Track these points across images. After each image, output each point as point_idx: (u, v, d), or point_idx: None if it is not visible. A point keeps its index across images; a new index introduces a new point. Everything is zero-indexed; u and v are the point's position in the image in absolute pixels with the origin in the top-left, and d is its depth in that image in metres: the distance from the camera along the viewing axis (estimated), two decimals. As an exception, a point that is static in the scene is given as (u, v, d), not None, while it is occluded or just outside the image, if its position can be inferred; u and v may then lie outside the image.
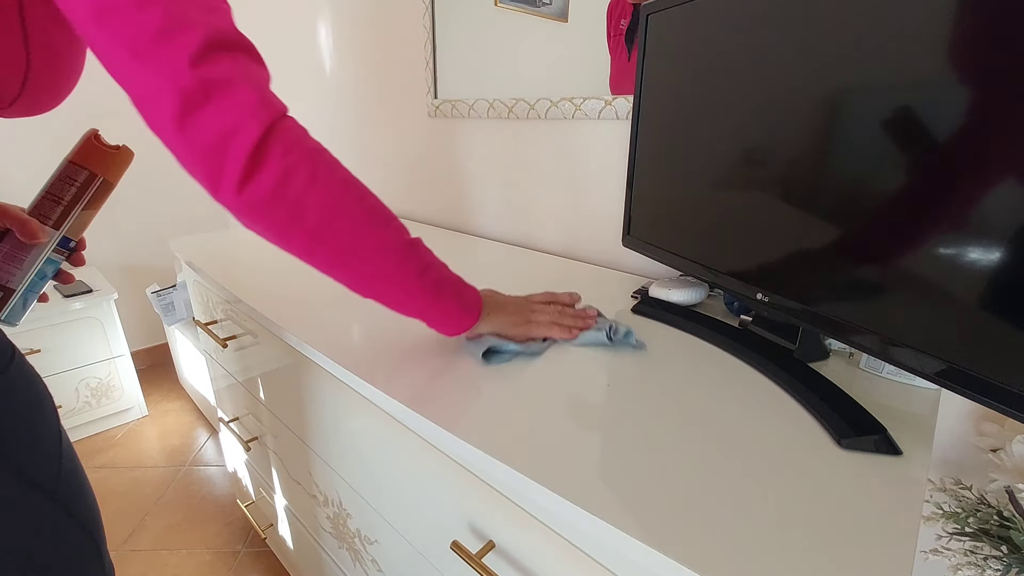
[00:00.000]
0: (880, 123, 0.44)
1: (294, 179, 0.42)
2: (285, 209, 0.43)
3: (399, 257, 0.51)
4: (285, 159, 0.42)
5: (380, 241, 0.50)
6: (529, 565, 0.48)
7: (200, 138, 0.40)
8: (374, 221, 0.49)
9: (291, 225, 0.45)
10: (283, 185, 0.42)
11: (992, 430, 0.52)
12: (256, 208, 0.43)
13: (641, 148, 0.76)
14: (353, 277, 0.51)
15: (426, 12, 1.19)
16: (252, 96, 0.40)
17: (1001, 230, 0.37)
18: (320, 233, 0.46)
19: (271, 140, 0.41)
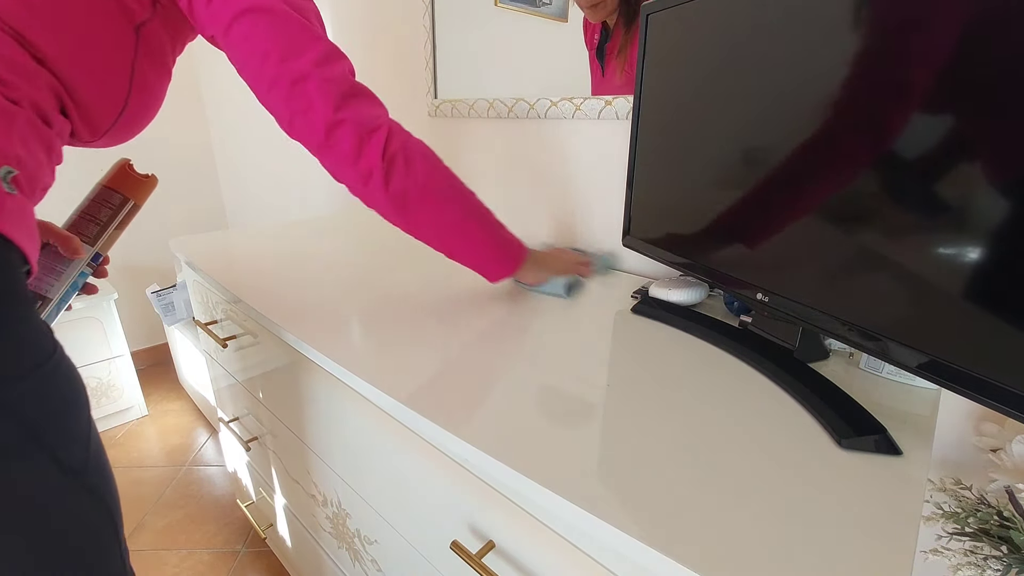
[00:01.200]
0: (881, 121, 0.44)
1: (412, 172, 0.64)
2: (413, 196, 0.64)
3: (478, 222, 0.71)
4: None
5: (465, 211, 0.70)
6: (529, 565, 0.48)
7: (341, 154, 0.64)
8: (461, 194, 0.71)
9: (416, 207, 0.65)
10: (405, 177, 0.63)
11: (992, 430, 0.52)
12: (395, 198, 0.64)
13: (641, 148, 0.76)
14: (443, 239, 0.70)
15: (426, 12, 1.19)
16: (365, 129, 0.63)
17: (1002, 230, 0.37)
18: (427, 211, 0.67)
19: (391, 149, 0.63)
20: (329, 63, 0.59)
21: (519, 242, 0.75)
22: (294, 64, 0.57)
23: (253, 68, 0.59)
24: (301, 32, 0.58)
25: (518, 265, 0.74)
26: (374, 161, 0.60)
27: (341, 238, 1.19)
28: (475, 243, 0.71)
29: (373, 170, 0.61)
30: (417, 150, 0.64)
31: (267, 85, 0.60)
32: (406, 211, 0.64)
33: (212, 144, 2.24)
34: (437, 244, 0.69)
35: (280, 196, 1.97)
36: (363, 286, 0.86)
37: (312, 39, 0.59)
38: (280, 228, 1.27)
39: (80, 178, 0.64)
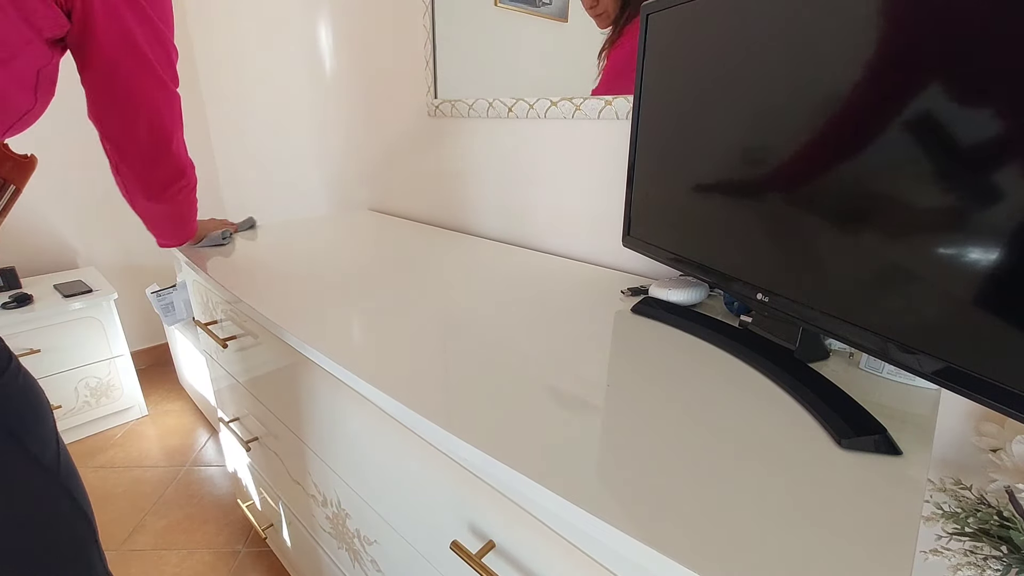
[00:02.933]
0: (881, 120, 0.44)
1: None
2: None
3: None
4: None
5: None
6: (529, 565, 0.48)
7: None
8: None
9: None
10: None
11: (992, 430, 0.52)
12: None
13: (641, 148, 0.76)
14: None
15: (426, 12, 1.19)
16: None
17: (1002, 231, 0.37)
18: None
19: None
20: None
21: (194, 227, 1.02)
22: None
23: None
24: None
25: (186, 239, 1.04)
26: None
27: (341, 238, 1.19)
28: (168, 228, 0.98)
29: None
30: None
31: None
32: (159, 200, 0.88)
33: (212, 144, 2.24)
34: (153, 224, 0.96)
35: (280, 196, 1.97)
36: (363, 286, 0.86)
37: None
38: (280, 228, 1.27)
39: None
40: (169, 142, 0.78)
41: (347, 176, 1.64)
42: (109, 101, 0.72)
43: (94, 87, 0.71)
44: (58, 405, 1.66)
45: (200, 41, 2.05)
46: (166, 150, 0.79)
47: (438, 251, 1.09)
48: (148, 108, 0.73)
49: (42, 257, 1.89)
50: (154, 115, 0.74)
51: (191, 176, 0.87)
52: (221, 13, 1.88)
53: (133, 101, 0.72)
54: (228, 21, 1.87)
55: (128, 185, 0.83)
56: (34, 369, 1.59)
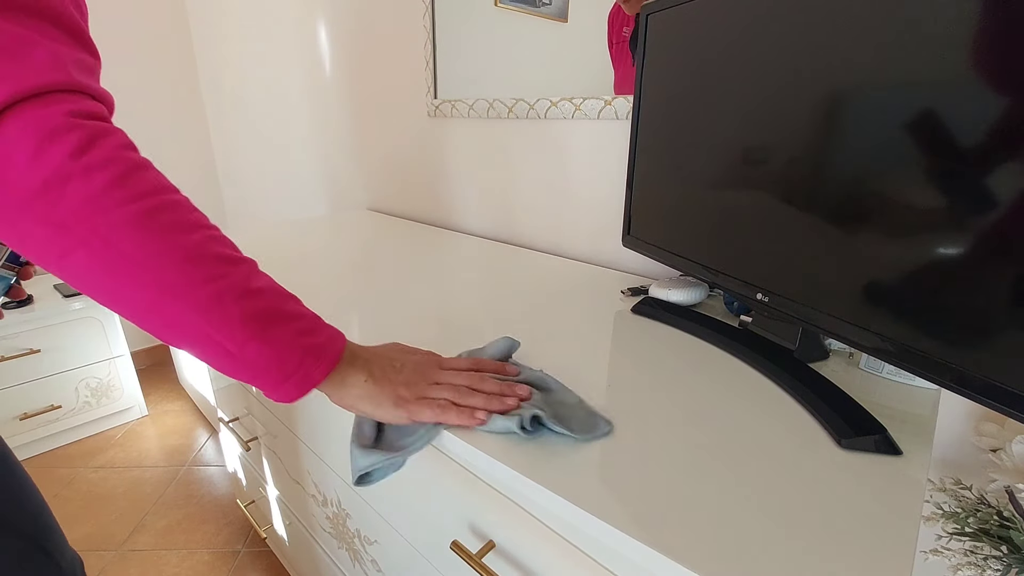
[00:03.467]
0: (880, 122, 0.44)
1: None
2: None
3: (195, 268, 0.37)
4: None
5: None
6: (529, 565, 0.48)
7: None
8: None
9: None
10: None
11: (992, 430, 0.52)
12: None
13: (641, 148, 0.76)
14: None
15: (426, 12, 1.19)
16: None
17: (1002, 231, 0.37)
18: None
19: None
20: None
21: (328, 333, 0.44)
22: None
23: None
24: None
25: (317, 377, 0.42)
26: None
27: (340, 237, 1.19)
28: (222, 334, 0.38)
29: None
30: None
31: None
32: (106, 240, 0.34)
33: (212, 144, 2.24)
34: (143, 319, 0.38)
35: (280, 196, 1.97)
36: (361, 285, 0.86)
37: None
38: (279, 228, 1.27)
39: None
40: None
41: (346, 176, 1.64)
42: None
43: None
44: (58, 405, 1.66)
45: (200, 41, 2.05)
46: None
47: (437, 251, 1.09)
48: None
49: (42, 257, 1.89)
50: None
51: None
52: (221, 13, 1.88)
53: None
54: (228, 21, 1.87)
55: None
56: (34, 369, 1.60)
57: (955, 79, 0.38)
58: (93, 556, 1.29)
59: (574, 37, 0.94)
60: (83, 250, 0.33)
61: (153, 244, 0.35)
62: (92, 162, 0.33)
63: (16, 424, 1.59)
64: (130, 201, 0.34)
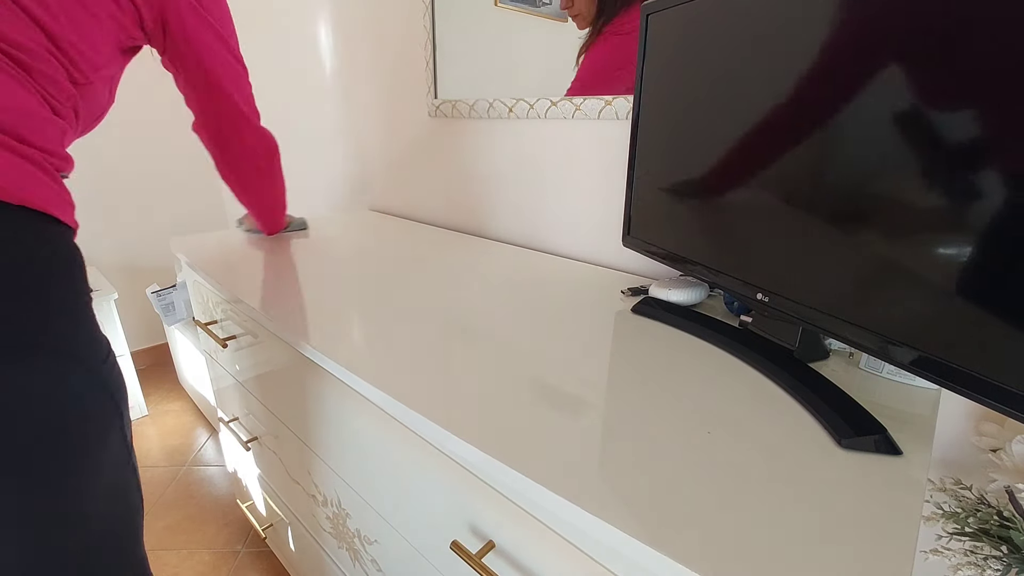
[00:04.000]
0: (880, 122, 0.44)
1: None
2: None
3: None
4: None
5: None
6: (529, 565, 0.48)
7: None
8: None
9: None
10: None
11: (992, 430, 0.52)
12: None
13: (641, 148, 0.76)
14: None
15: (426, 12, 1.19)
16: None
17: (1002, 231, 0.37)
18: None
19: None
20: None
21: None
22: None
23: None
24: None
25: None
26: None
27: (340, 237, 1.19)
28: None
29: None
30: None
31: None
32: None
33: (212, 144, 2.24)
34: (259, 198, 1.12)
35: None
36: (363, 285, 0.86)
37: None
38: (280, 228, 1.27)
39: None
40: (257, 112, 1.00)
41: (347, 176, 1.64)
42: (207, 97, 0.90)
43: (194, 88, 0.89)
44: (58, 405, 1.66)
45: (200, 41, 2.05)
46: (258, 120, 1.01)
47: (438, 251, 1.09)
48: (238, 89, 0.93)
49: (42, 257, 1.89)
50: (242, 94, 0.95)
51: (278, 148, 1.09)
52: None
53: (223, 90, 0.91)
54: (228, 21, 1.86)
55: (242, 168, 1.02)
56: (34, 369, 1.59)
57: (955, 78, 0.38)
58: (93, 556, 1.29)
59: (574, 37, 0.94)
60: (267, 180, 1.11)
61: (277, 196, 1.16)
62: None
63: (16, 424, 1.59)
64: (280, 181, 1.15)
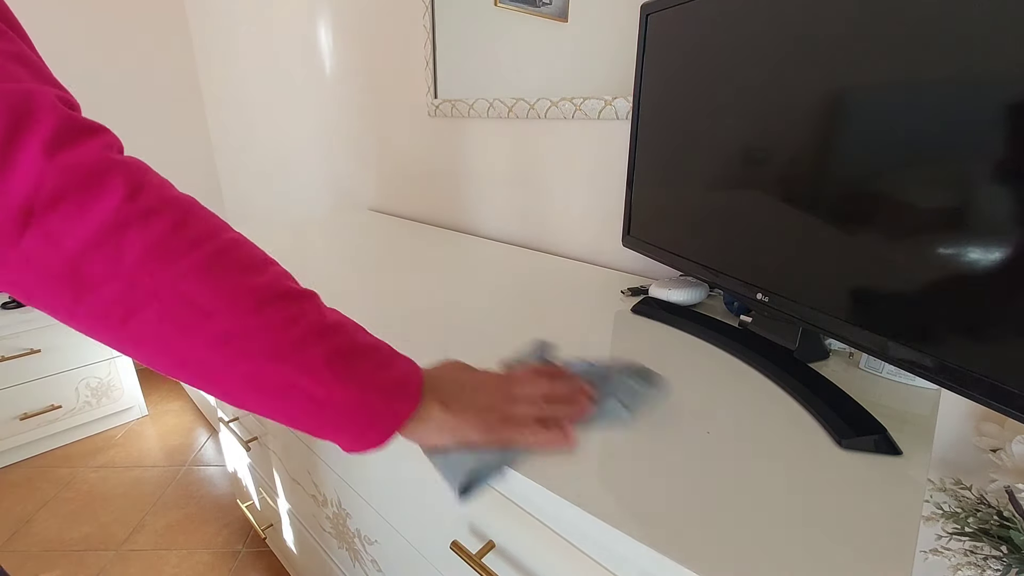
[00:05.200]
0: (880, 122, 0.44)
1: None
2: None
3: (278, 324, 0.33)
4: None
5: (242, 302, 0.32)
6: (529, 565, 0.48)
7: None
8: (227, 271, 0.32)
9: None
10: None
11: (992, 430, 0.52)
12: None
13: (641, 148, 0.76)
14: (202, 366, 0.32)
15: (426, 12, 1.19)
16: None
17: (1002, 230, 0.37)
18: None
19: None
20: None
21: (403, 365, 0.40)
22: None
23: None
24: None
25: (404, 415, 0.38)
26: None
27: (341, 237, 1.19)
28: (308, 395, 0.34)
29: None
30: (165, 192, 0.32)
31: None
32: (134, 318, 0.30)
33: (212, 144, 2.24)
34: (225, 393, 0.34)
35: (280, 197, 1.97)
36: (361, 285, 0.86)
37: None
38: (280, 227, 1.27)
39: None
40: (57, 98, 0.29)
41: (347, 176, 1.64)
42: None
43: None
44: (58, 405, 1.66)
45: (200, 41, 2.05)
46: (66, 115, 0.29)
47: (438, 251, 1.09)
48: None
49: (42, 257, 1.89)
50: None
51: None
52: (221, 13, 1.88)
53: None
54: (228, 21, 1.87)
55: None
56: (34, 369, 1.60)
57: (955, 79, 0.38)
58: (93, 556, 1.29)
59: (574, 37, 0.94)
60: (153, 306, 0.29)
61: (227, 290, 0.31)
62: (147, 206, 0.29)
63: (16, 424, 1.59)
64: (196, 246, 0.30)
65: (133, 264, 0.28)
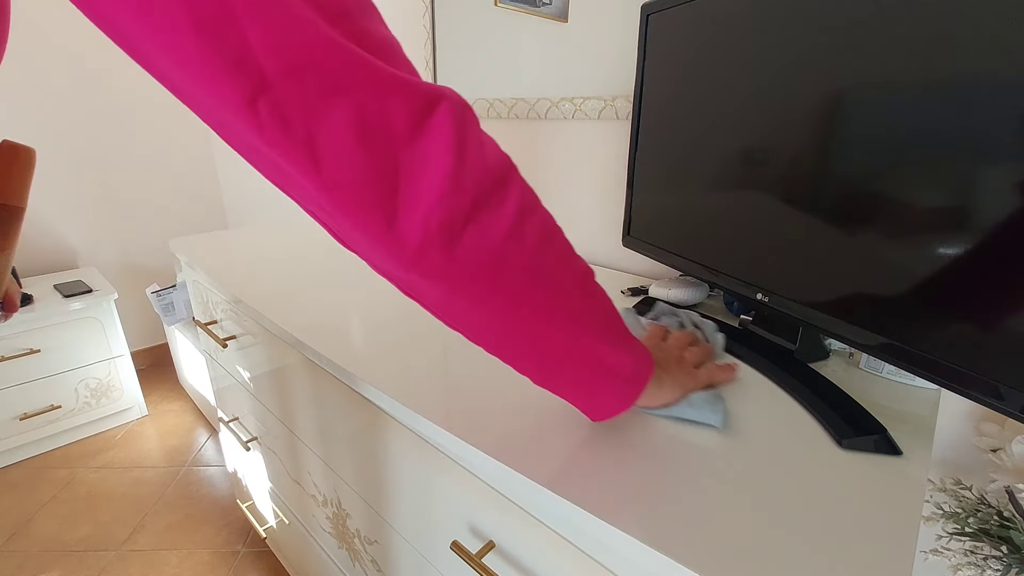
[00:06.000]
0: (880, 122, 0.44)
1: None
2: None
3: (595, 334, 0.40)
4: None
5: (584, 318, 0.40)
6: (529, 565, 0.48)
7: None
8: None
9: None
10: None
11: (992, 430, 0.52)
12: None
13: (641, 148, 0.76)
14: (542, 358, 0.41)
15: (426, 12, 1.19)
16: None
17: (1002, 230, 0.37)
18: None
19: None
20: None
21: (640, 352, 0.45)
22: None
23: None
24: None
25: (640, 390, 0.44)
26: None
27: (341, 238, 1.19)
28: (588, 367, 0.41)
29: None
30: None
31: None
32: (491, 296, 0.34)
33: (212, 144, 2.24)
34: (526, 364, 0.42)
35: (280, 195, 1.97)
36: (364, 285, 0.86)
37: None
38: (280, 227, 1.27)
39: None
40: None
41: (347, 176, 1.64)
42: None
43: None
44: (58, 405, 1.66)
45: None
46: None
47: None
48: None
49: (42, 257, 1.89)
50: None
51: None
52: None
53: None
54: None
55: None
56: (34, 369, 1.59)
57: (955, 79, 0.38)
58: (93, 556, 1.29)
59: (574, 37, 0.94)
60: (543, 288, 0.36)
61: (576, 273, 0.39)
62: (532, 196, 0.36)
63: (16, 424, 1.59)
64: (553, 232, 0.38)
65: (531, 253, 0.34)
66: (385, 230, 0.29)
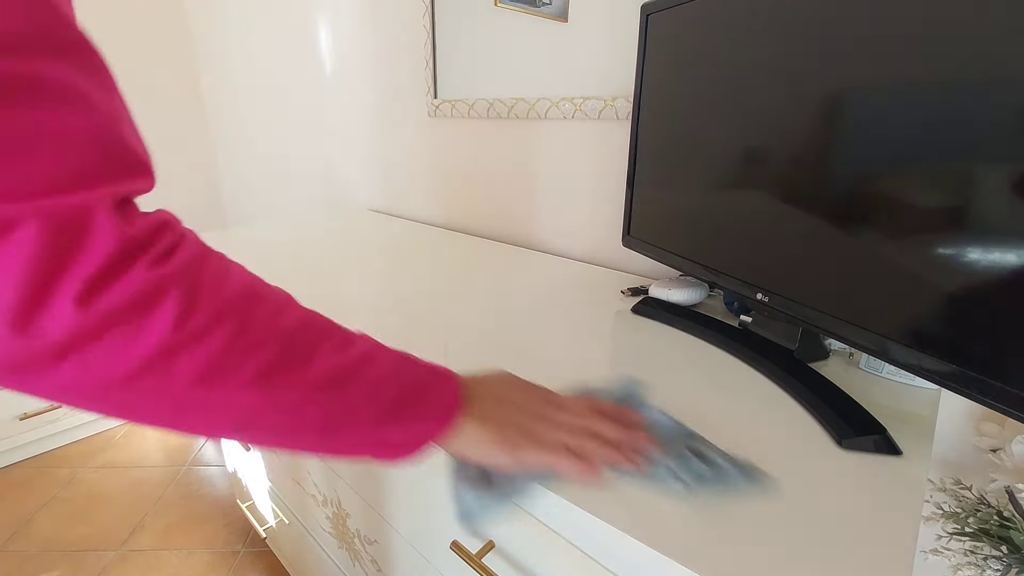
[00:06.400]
0: (880, 122, 0.44)
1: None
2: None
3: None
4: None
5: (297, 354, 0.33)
6: (529, 565, 0.48)
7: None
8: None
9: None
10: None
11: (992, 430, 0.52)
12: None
13: (641, 148, 0.76)
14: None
15: (426, 12, 1.19)
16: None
17: (1003, 230, 0.37)
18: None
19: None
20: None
21: (434, 373, 0.42)
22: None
23: None
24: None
25: (441, 430, 0.38)
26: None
27: (342, 236, 1.19)
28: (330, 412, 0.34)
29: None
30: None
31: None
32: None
33: (212, 144, 2.24)
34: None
35: (280, 196, 1.97)
36: (361, 285, 0.86)
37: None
38: (280, 227, 1.27)
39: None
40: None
41: (347, 176, 1.64)
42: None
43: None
44: (58, 405, 1.66)
45: (200, 41, 2.05)
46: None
47: (438, 251, 1.09)
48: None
49: (42, 257, 1.89)
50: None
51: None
52: (221, 14, 1.88)
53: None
54: (228, 21, 1.87)
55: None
56: (34, 369, 1.59)
57: (955, 79, 0.38)
58: (93, 556, 1.29)
59: (574, 37, 0.94)
60: (201, 417, 0.30)
61: (277, 396, 0.31)
62: (200, 325, 0.27)
63: (16, 424, 1.59)
64: (248, 355, 0.29)
65: (182, 389, 0.27)
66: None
